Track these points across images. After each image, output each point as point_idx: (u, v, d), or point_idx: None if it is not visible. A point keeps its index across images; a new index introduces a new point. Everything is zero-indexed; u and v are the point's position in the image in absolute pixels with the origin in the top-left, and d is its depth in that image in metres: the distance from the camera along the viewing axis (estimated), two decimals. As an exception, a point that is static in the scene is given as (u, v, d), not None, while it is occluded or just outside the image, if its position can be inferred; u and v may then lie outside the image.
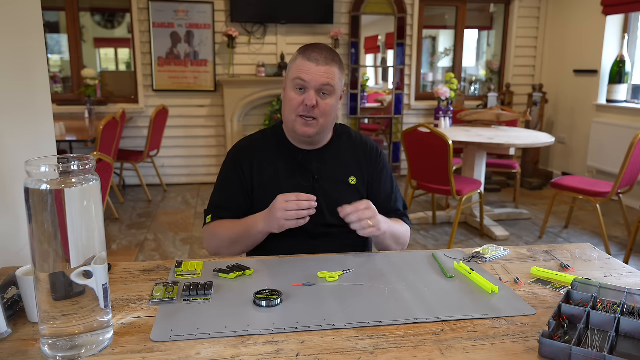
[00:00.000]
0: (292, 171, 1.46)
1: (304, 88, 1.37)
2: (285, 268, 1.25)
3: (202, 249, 3.58)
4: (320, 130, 1.41)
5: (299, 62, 1.38)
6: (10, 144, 1.33)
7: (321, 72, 1.35)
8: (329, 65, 1.36)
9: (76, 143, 4.53)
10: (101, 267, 0.87)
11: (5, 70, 1.34)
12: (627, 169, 3.36)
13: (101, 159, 2.32)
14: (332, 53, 1.40)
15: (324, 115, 1.39)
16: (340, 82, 1.41)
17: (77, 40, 5.22)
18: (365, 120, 6.05)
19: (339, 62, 1.40)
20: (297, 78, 1.36)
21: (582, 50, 5.31)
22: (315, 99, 1.36)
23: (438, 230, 4.04)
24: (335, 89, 1.39)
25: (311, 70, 1.35)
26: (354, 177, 1.49)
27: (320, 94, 1.37)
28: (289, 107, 1.40)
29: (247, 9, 5.15)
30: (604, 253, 1.38)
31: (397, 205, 1.56)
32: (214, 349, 0.88)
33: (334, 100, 1.40)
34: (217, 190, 1.52)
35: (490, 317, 1.01)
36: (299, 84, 1.37)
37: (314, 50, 1.38)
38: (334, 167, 1.48)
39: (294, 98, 1.38)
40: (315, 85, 1.36)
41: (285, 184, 1.45)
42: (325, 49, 1.39)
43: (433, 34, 6.16)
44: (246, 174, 1.47)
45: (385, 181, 1.54)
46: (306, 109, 1.36)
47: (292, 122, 1.40)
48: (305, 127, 1.39)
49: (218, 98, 5.37)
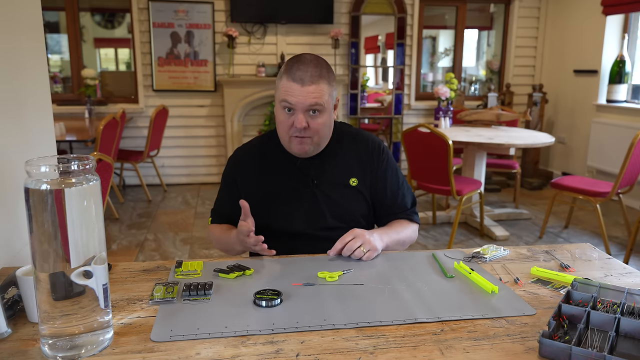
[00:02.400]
0: (291, 177, 1.45)
1: (291, 109, 1.33)
2: (285, 268, 1.25)
3: (202, 249, 3.58)
4: (316, 146, 1.40)
5: (284, 83, 1.32)
6: (10, 144, 1.33)
7: (307, 93, 1.29)
8: (315, 84, 1.30)
9: (76, 143, 4.53)
10: (101, 267, 0.87)
11: (5, 70, 1.34)
12: (627, 169, 3.36)
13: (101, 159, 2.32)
14: (319, 67, 1.32)
15: (317, 134, 1.36)
16: (330, 98, 1.35)
17: (77, 40, 5.22)
18: (365, 120, 6.05)
19: (327, 75, 1.33)
20: (283, 100, 1.32)
21: (582, 50, 5.31)
22: (304, 120, 1.32)
23: (438, 230, 4.04)
24: (325, 107, 1.34)
25: (296, 92, 1.30)
26: (355, 178, 1.47)
27: (309, 114, 1.33)
28: (281, 128, 1.38)
29: (247, 9, 5.15)
30: (604, 253, 1.38)
31: (405, 201, 1.53)
32: (214, 349, 0.88)
33: (326, 116, 1.35)
34: (218, 196, 1.58)
35: (490, 317, 1.01)
36: (285, 106, 1.33)
37: (298, 67, 1.31)
38: (334, 169, 1.46)
39: (284, 120, 1.35)
40: (303, 107, 1.31)
41: (287, 190, 1.45)
42: (312, 64, 1.32)
43: (433, 34, 6.16)
44: (240, 186, 1.49)
45: (391, 178, 1.51)
46: (297, 130, 1.34)
47: (287, 141, 1.39)
48: (300, 145, 1.37)
49: (218, 98, 5.37)
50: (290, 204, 1.44)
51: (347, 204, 1.43)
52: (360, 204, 1.48)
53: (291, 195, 1.45)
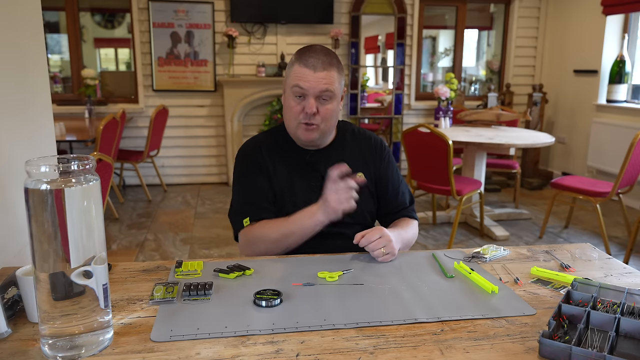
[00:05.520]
0: (301, 171, 1.46)
1: (303, 95, 1.35)
2: (285, 268, 1.25)
3: (202, 249, 3.58)
4: (322, 135, 1.42)
5: (296, 69, 1.35)
6: (10, 144, 1.33)
7: (319, 79, 1.33)
8: (326, 71, 1.34)
9: (76, 143, 4.53)
10: (101, 267, 0.87)
11: (5, 70, 1.34)
12: (627, 169, 3.36)
13: (101, 159, 2.32)
14: (330, 56, 1.37)
15: (325, 121, 1.38)
16: (339, 85, 1.40)
17: (77, 40, 5.22)
18: (365, 120, 6.05)
19: (337, 64, 1.38)
20: (296, 86, 1.35)
21: (582, 50, 5.31)
22: (315, 106, 1.34)
23: (438, 230, 4.04)
24: (335, 94, 1.37)
25: (309, 78, 1.33)
26: (361, 173, 1.49)
27: (320, 100, 1.36)
28: (289, 114, 1.39)
29: (247, 9, 5.15)
30: (604, 253, 1.38)
31: (404, 199, 1.56)
32: (214, 349, 0.88)
33: (335, 104, 1.39)
34: (243, 193, 1.46)
35: (490, 317, 1.01)
36: (297, 91, 1.35)
37: (310, 55, 1.35)
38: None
39: (294, 106, 1.37)
40: (314, 92, 1.34)
41: (296, 183, 1.45)
42: (323, 53, 1.36)
43: (433, 34, 6.16)
44: (263, 170, 1.45)
45: (392, 175, 1.54)
46: (307, 116, 1.35)
47: (294, 128, 1.40)
48: (308, 132, 1.39)
49: (218, 98, 5.37)
50: (301, 198, 1.43)
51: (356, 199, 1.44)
52: (367, 200, 1.49)
53: (301, 189, 1.45)
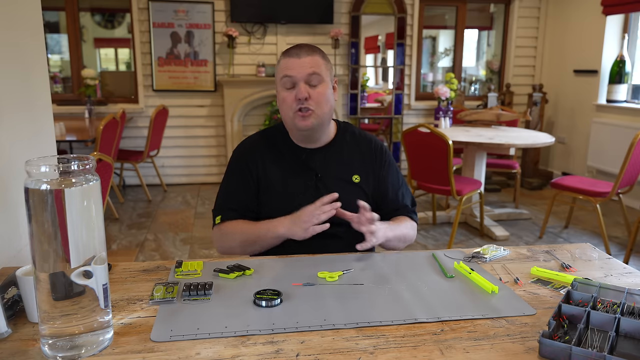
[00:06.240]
0: (296, 170, 1.47)
1: (292, 84, 1.39)
2: (285, 268, 1.25)
3: (202, 249, 3.58)
4: (319, 121, 1.41)
5: (282, 63, 1.42)
6: (10, 144, 1.33)
7: (305, 63, 1.38)
8: (310, 56, 1.39)
9: (76, 143, 4.53)
10: (101, 267, 0.87)
11: (5, 70, 1.34)
12: (627, 169, 3.36)
13: (101, 159, 2.32)
14: (313, 47, 1.43)
15: (319, 104, 1.39)
16: (327, 71, 1.42)
17: (77, 40, 5.22)
18: (365, 120, 6.05)
19: (320, 52, 1.43)
20: (284, 76, 1.39)
21: (582, 50, 5.31)
22: (306, 90, 1.37)
23: (438, 230, 4.04)
24: (323, 77, 1.40)
25: (294, 65, 1.38)
26: (358, 175, 1.49)
27: (309, 85, 1.39)
28: (284, 106, 1.42)
29: (247, 9, 5.15)
30: (604, 253, 1.38)
31: (405, 201, 1.57)
32: (214, 349, 0.88)
33: (326, 88, 1.41)
34: (225, 191, 1.52)
35: (490, 317, 1.01)
36: (286, 81, 1.39)
37: (293, 47, 1.43)
38: (338, 165, 1.49)
39: (286, 96, 1.40)
40: (302, 77, 1.38)
41: (291, 183, 1.46)
42: (305, 45, 1.43)
43: (433, 34, 6.16)
44: (253, 174, 1.48)
45: (393, 178, 1.55)
46: (300, 102, 1.38)
47: (291, 119, 1.41)
48: (304, 120, 1.40)
49: (218, 98, 5.37)
50: (295, 197, 1.44)
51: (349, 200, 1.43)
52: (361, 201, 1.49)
53: (296, 188, 1.46)
